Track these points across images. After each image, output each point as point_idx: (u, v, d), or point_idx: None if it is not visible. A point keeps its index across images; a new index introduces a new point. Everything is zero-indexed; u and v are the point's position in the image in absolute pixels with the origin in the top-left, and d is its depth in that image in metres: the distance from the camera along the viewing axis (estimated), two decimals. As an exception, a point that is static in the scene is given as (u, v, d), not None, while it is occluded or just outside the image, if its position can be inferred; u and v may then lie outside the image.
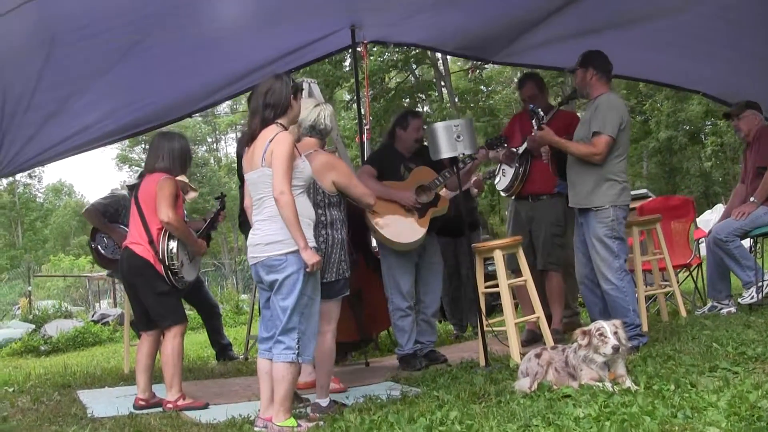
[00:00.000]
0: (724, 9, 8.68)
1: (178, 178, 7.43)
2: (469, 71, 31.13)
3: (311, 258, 5.54)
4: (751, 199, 9.04)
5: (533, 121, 8.30)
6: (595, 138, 7.46)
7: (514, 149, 9.00)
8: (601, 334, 5.72)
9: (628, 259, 7.70)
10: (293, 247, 5.54)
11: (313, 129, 6.66)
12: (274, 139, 5.64)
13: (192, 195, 10.12)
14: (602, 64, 7.74)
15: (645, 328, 8.43)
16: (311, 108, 6.56)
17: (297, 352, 5.62)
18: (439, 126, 7.63)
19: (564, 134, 8.07)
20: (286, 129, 5.80)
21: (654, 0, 8.67)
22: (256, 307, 9.82)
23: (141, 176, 7.70)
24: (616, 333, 5.70)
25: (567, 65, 11.67)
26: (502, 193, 9.57)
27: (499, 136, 8.94)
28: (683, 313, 9.15)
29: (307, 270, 5.56)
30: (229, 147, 79.55)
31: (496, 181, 9.42)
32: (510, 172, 9.13)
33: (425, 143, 8.37)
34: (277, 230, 5.60)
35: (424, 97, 39.68)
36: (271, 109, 5.79)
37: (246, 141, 5.94)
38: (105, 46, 8.10)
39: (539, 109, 8.27)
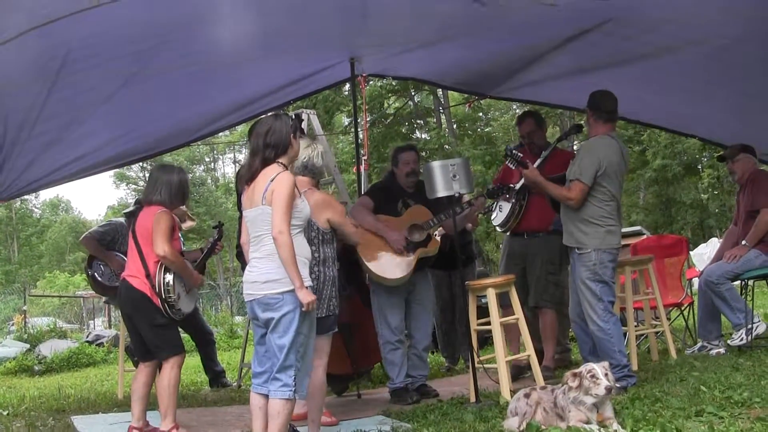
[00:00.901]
0: (720, 50, 8.75)
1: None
2: (468, 105, 31.18)
3: (307, 297, 5.62)
4: (743, 242, 9.10)
5: (509, 163, 8.40)
6: (571, 183, 7.59)
7: (512, 185, 9.04)
8: (592, 376, 5.76)
9: (615, 301, 7.75)
10: (290, 286, 5.60)
11: (305, 168, 6.75)
12: (276, 179, 5.72)
13: (189, 224, 10.19)
14: (600, 105, 7.81)
15: (635, 367, 8.53)
16: (303, 147, 6.64)
17: (293, 389, 5.67)
18: (436, 165, 7.71)
19: (559, 173, 8.18)
20: (287, 168, 5.90)
21: (651, 40, 8.74)
22: (250, 332, 9.89)
23: (137, 203, 7.74)
24: (606, 375, 5.76)
25: (563, 102, 11.86)
26: (498, 229, 9.62)
27: (501, 185, 8.94)
28: (673, 352, 9.20)
29: (303, 309, 5.64)
30: (226, 167, 79.70)
31: (492, 217, 9.42)
32: (507, 207, 9.16)
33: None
34: (275, 269, 5.66)
35: (422, 123, 39.73)
36: (272, 148, 5.86)
37: (246, 180, 6.02)
38: (107, 75, 8.18)
39: (514, 151, 8.34)
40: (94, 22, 6.78)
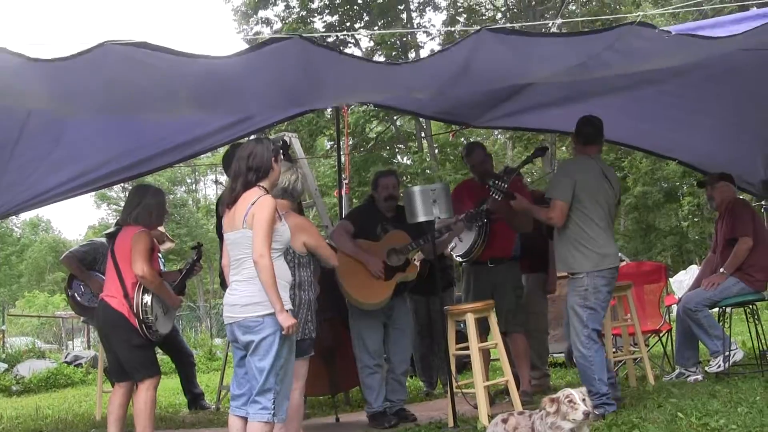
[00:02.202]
0: (706, 80, 8.82)
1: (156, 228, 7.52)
2: (451, 134, 31.27)
3: (287, 321, 5.62)
4: (721, 270, 9.17)
5: (493, 194, 8.41)
6: (550, 203, 7.71)
7: (484, 209, 9.00)
8: (570, 401, 5.72)
9: (601, 329, 7.75)
10: (271, 309, 5.61)
11: (285, 192, 6.75)
12: (257, 203, 5.73)
13: (168, 245, 10.18)
14: (580, 129, 7.99)
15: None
16: (283, 171, 6.65)
17: (273, 412, 5.68)
18: (416, 190, 7.75)
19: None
20: (268, 192, 5.91)
21: (638, 74, 8.79)
22: (229, 354, 9.87)
23: (118, 224, 7.74)
24: (584, 400, 5.75)
25: (548, 126, 11.89)
26: (458, 259, 9.53)
27: (478, 210, 8.94)
28: (651, 379, 9.18)
29: (284, 333, 5.65)
30: (208, 189, 79.43)
31: (450, 247, 9.38)
32: (468, 237, 9.08)
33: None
34: (255, 292, 5.67)
35: (404, 147, 39.78)
36: (254, 172, 5.88)
37: (227, 203, 6.03)
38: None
39: (496, 182, 8.36)
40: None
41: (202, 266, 8.78)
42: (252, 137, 9.11)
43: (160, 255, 9.86)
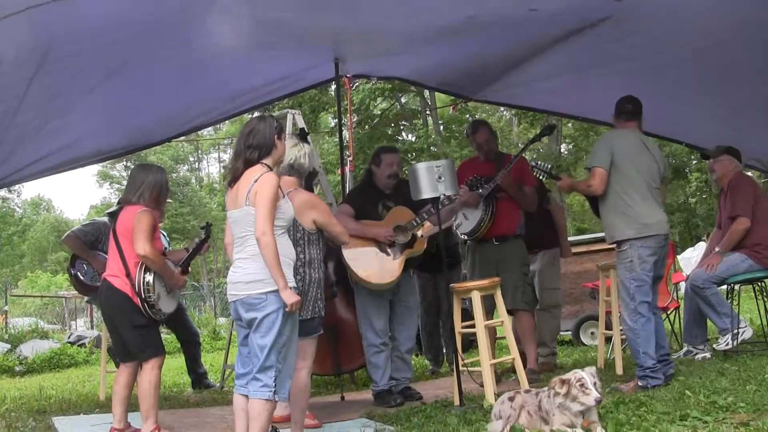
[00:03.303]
0: (706, 54, 8.78)
1: None
2: (452, 108, 31.16)
3: (290, 298, 5.62)
4: (716, 249, 9.17)
5: (537, 175, 8.45)
6: (590, 172, 7.75)
7: (480, 192, 9.04)
8: (581, 385, 5.69)
9: (651, 301, 7.65)
10: (274, 286, 5.62)
11: (291, 168, 6.74)
12: (260, 180, 5.72)
13: None
14: (619, 106, 8.04)
15: (619, 371, 8.58)
16: (290, 148, 6.62)
17: (274, 389, 5.69)
18: (421, 167, 7.69)
19: (517, 178, 8.88)
20: (271, 169, 5.91)
21: (637, 42, 8.76)
22: (233, 334, 9.88)
23: (120, 203, 7.72)
24: (595, 384, 5.72)
25: (549, 107, 11.90)
26: (463, 237, 9.55)
27: (479, 176, 9.00)
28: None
29: (287, 310, 5.66)
30: (211, 167, 79.50)
31: (456, 225, 9.39)
32: (474, 215, 9.12)
33: (405, 178, 8.48)
34: (259, 269, 5.68)
35: (408, 124, 39.68)
36: (255, 150, 5.88)
37: (228, 182, 6.03)
38: (90, 66, 8.13)
39: (540, 162, 8.43)
40: (80, 14, 6.78)
41: (209, 246, 8.75)
42: (255, 114, 9.11)
43: (164, 234, 9.89)
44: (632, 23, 8.40)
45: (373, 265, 8.27)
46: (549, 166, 8.40)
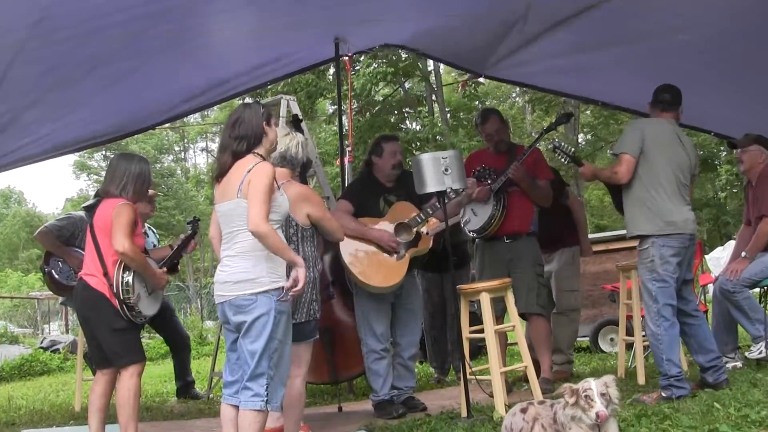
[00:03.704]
0: (729, 37, 8.77)
1: None
2: (461, 85, 31.09)
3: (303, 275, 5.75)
4: (743, 254, 9.07)
5: (559, 157, 8.43)
6: (617, 158, 7.75)
7: (489, 186, 8.96)
8: (587, 396, 5.69)
9: (674, 304, 7.59)
10: (264, 286, 5.63)
11: (283, 159, 6.72)
12: (254, 169, 5.71)
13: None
14: (656, 95, 8.01)
15: (641, 380, 8.57)
16: (281, 137, 6.61)
17: (265, 399, 5.67)
18: (426, 158, 7.64)
19: (530, 170, 8.83)
20: (264, 159, 5.90)
21: (660, 18, 8.73)
22: (222, 338, 9.88)
23: (97, 195, 7.68)
24: (604, 394, 5.68)
25: (562, 87, 11.90)
26: (471, 235, 9.47)
27: (487, 167, 8.95)
28: (684, 365, 9.14)
29: (287, 287, 5.67)
30: (198, 157, 79.45)
31: (463, 221, 9.27)
32: (483, 210, 9.05)
33: (408, 170, 8.46)
34: (248, 268, 5.67)
35: (413, 112, 39.60)
36: (243, 140, 5.87)
37: (216, 177, 6.01)
38: (71, 52, 8.12)
39: (563, 143, 8.39)
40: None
41: (197, 243, 8.72)
42: (246, 99, 9.11)
43: (153, 230, 9.90)
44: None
45: (374, 266, 8.25)
46: (572, 149, 8.37)
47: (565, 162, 8.34)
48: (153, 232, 10.40)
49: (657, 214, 7.56)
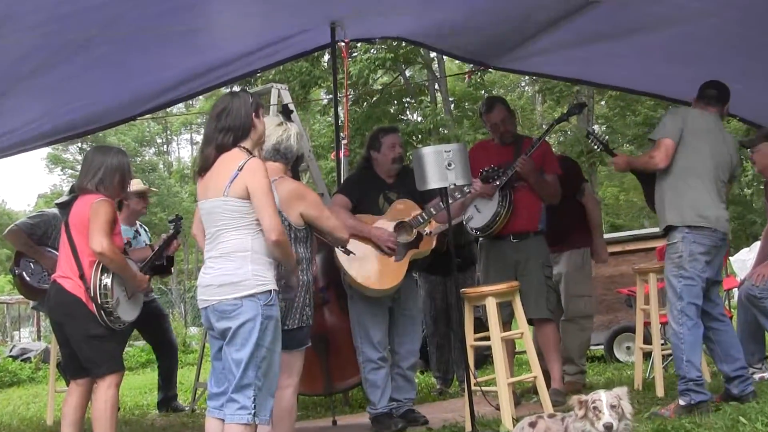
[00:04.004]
0: (758, 17, 8.76)
1: None
2: (467, 75, 31.04)
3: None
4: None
5: (593, 144, 8.42)
6: (655, 143, 7.75)
7: (496, 182, 8.91)
8: (595, 408, 5.67)
9: (699, 304, 7.59)
10: (250, 290, 5.61)
11: (277, 152, 6.70)
12: (246, 168, 5.70)
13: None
14: (702, 91, 8.03)
15: (660, 393, 8.55)
16: (273, 127, 6.59)
17: (253, 412, 5.65)
18: (428, 151, 7.55)
19: (537, 162, 8.80)
20: (251, 154, 5.87)
21: (683, 3, 8.72)
22: (207, 346, 9.86)
23: (72, 191, 7.65)
24: (614, 406, 5.65)
25: (577, 75, 11.90)
26: (475, 233, 9.35)
27: (495, 167, 8.89)
28: (707, 375, 9.10)
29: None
30: (182, 150, 79.38)
31: (465, 218, 9.27)
32: (487, 207, 8.99)
33: (408, 165, 8.43)
34: (233, 270, 5.66)
35: (414, 102, 39.53)
36: (229, 132, 5.85)
37: (199, 171, 5.99)
38: (43, 38, 8.10)
39: (597, 131, 8.40)
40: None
41: (180, 243, 8.70)
42: (233, 88, 9.09)
43: (145, 229, 9.90)
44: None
45: (372, 267, 8.22)
46: (606, 137, 8.39)
47: (599, 150, 8.34)
48: (145, 230, 10.41)
49: (690, 205, 7.55)
